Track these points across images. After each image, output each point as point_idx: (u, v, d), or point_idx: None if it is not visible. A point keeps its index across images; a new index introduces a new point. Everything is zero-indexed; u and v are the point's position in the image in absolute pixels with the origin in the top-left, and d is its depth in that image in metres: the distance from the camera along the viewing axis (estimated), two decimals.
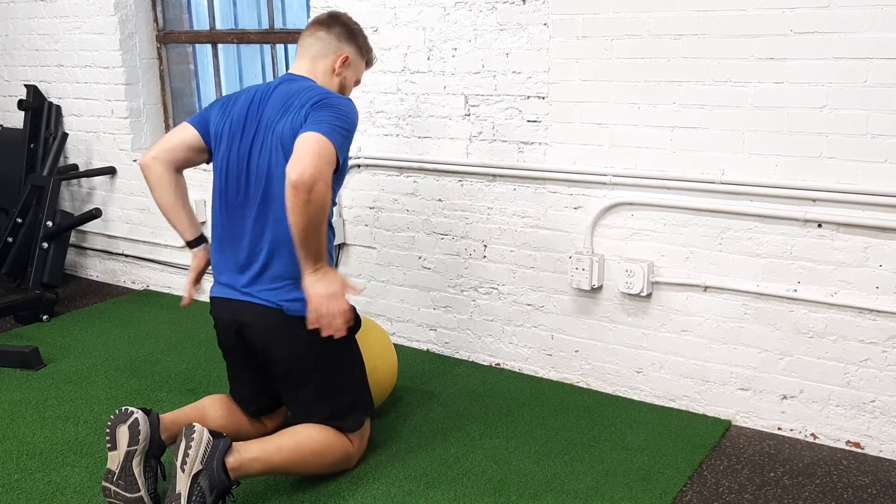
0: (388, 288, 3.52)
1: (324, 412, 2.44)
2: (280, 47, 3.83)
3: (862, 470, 2.51)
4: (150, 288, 4.42)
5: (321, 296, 2.21)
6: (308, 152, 2.11)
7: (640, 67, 2.72)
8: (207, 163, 2.52)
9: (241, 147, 2.36)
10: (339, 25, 2.52)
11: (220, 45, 4.06)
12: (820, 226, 2.55)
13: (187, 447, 2.15)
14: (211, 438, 2.19)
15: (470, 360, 3.38)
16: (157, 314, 3.99)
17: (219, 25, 4.03)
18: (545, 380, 3.18)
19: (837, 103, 2.43)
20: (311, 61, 2.48)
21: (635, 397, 3.00)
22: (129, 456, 2.24)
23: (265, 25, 3.85)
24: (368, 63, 2.64)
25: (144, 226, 4.23)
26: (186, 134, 2.46)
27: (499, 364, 3.31)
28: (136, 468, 2.24)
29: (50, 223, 4.08)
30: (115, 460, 2.25)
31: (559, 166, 2.96)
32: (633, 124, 2.78)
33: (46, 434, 2.79)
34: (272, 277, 2.35)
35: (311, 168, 2.08)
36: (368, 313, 3.60)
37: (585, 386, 3.11)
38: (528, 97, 2.96)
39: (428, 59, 3.15)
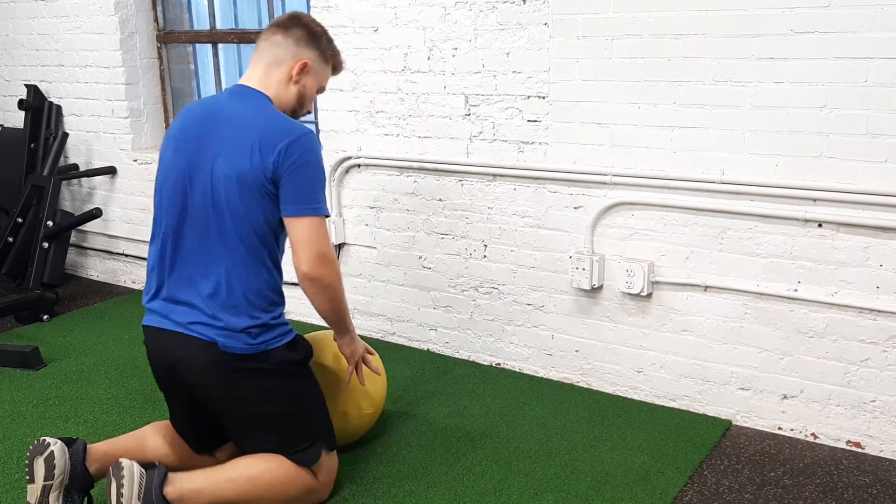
0: (388, 288, 3.52)
1: (273, 445, 2.22)
2: None
3: (862, 470, 2.51)
4: None
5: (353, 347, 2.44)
6: (311, 241, 2.12)
7: (640, 67, 2.72)
8: None
9: (180, 167, 2.19)
10: (299, 28, 2.30)
11: (220, 45, 4.06)
12: (820, 225, 2.54)
13: (119, 487, 1.97)
14: (143, 471, 2.01)
15: (470, 359, 3.38)
16: None
17: (219, 25, 4.03)
18: (545, 380, 3.18)
19: (838, 103, 2.43)
20: (265, 70, 2.27)
21: (636, 397, 3.00)
22: (45, 491, 2.09)
23: (265, 25, 3.83)
24: (335, 69, 2.41)
25: (145, 225, 4.23)
26: None
27: (499, 364, 3.31)
28: (55, 503, 2.10)
29: (50, 223, 4.08)
30: (32, 494, 2.11)
31: (559, 166, 2.96)
32: (633, 124, 2.78)
33: (46, 434, 2.78)
34: (209, 312, 2.16)
35: (320, 261, 2.13)
36: (369, 313, 3.61)
37: (586, 386, 3.11)
38: (529, 97, 2.96)
39: (428, 58, 3.15)
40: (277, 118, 2.19)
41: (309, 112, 2.43)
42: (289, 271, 2.26)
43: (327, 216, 2.19)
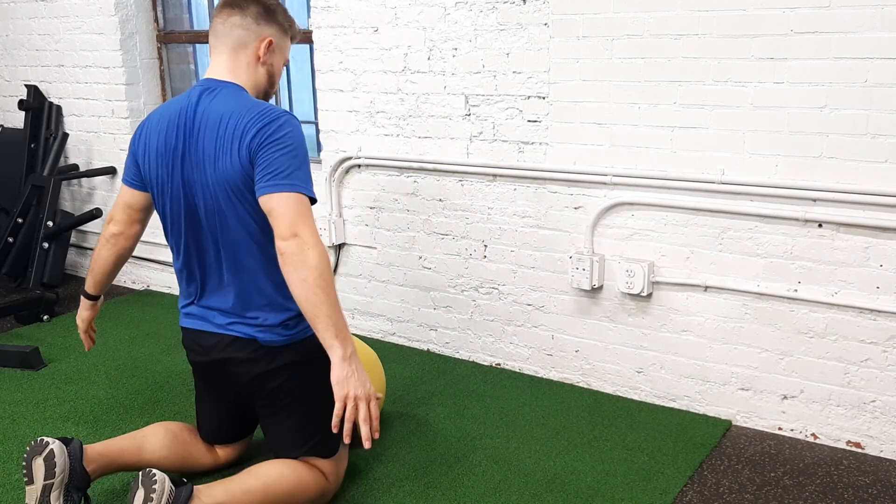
0: (388, 288, 3.52)
1: (300, 433, 2.27)
2: None
3: (862, 470, 2.51)
4: (151, 288, 4.42)
5: (354, 386, 1.98)
6: (295, 218, 1.96)
7: (640, 67, 2.72)
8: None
9: (176, 186, 2.16)
10: (254, 4, 2.19)
11: None
12: (820, 226, 2.54)
13: (148, 497, 1.95)
14: (173, 488, 2.00)
15: (470, 360, 3.38)
16: (157, 314, 3.99)
17: None
18: (545, 380, 3.18)
19: (838, 103, 2.43)
20: (230, 56, 2.17)
21: (636, 397, 3.00)
22: (46, 490, 2.08)
23: None
24: (293, 38, 2.31)
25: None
26: (124, 196, 2.32)
27: (499, 364, 3.31)
28: (55, 503, 2.09)
29: (50, 223, 4.08)
30: (32, 495, 2.10)
31: (559, 166, 2.96)
32: (633, 124, 2.78)
33: (47, 434, 2.78)
34: (244, 314, 2.20)
35: (306, 237, 1.96)
36: (369, 313, 3.61)
37: (586, 386, 3.11)
38: (529, 97, 2.96)
39: (428, 59, 3.15)
40: (252, 107, 2.10)
41: (276, 88, 2.33)
42: None
43: (312, 199, 2.04)
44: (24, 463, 2.11)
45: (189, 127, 2.12)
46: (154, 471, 2.00)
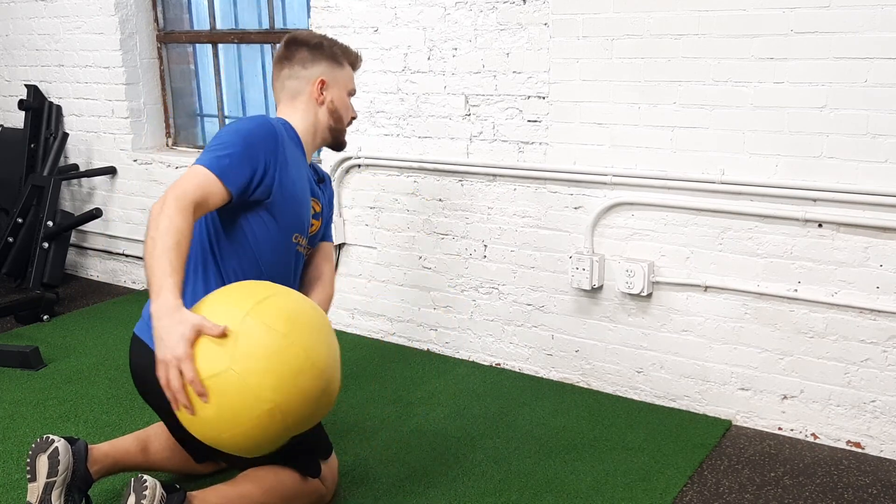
0: (388, 288, 3.52)
1: (284, 461, 2.16)
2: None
3: (862, 470, 2.51)
4: None
5: (159, 349, 1.73)
6: (172, 184, 1.95)
7: (640, 67, 2.72)
8: None
9: None
10: (298, 49, 2.23)
11: (220, 45, 4.06)
12: (820, 226, 2.54)
13: (139, 502, 1.91)
14: (164, 494, 1.95)
15: (470, 360, 3.38)
16: None
17: (219, 25, 4.03)
18: (545, 380, 3.18)
19: (838, 103, 2.43)
20: (289, 106, 2.23)
21: (635, 397, 3.00)
22: (48, 488, 2.06)
23: (265, 25, 3.85)
24: (354, 65, 2.34)
25: (145, 226, 4.22)
26: None
27: (499, 364, 3.31)
28: (56, 501, 2.07)
29: (50, 223, 4.08)
30: (34, 492, 2.08)
31: (559, 166, 2.96)
32: (633, 124, 2.78)
33: (47, 434, 2.78)
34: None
35: (162, 197, 1.92)
36: (369, 313, 3.61)
37: (586, 386, 3.11)
38: (529, 97, 2.96)
39: (428, 59, 3.15)
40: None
41: (353, 118, 2.36)
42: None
43: (214, 174, 1.95)
44: (27, 459, 2.11)
45: None
46: (145, 477, 1.96)
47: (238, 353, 1.71)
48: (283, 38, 2.29)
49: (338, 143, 2.35)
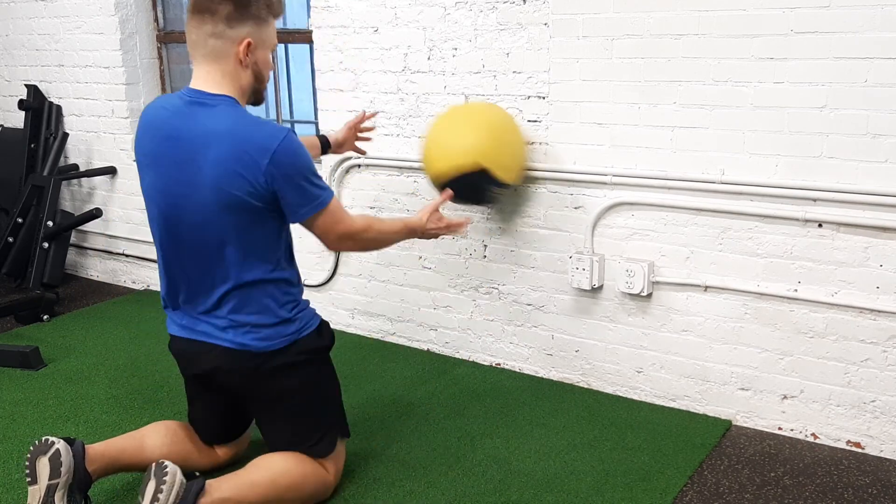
0: (388, 288, 3.52)
1: (291, 436, 2.30)
2: (280, 47, 3.83)
3: (862, 470, 2.51)
4: (151, 288, 4.41)
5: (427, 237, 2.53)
6: (332, 229, 2.23)
7: (640, 67, 2.72)
8: None
9: (166, 184, 2.14)
10: (223, 2, 2.05)
11: None
12: (820, 226, 2.54)
13: (158, 489, 1.96)
14: (184, 480, 2.01)
15: (470, 359, 3.38)
16: (158, 314, 3.98)
17: None
18: (545, 380, 3.18)
19: (838, 103, 2.43)
20: (212, 68, 2.10)
21: (635, 397, 3.00)
22: (50, 490, 2.06)
23: None
24: (277, 16, 2.17)
25: (145, 225, 4.22)
26: None
27: (499, 364, 3.31)
28: (59, 503, 2.07)
29: (50, 223, 4.08)
30: (35, 496, 2.08)
31: (559, 166, 2.96)
32: (633, 124, 2.78)
33: (46, 434, 2.78)
34: (233, 321, 2.20)
35: (343, 240, 2.30)
36: (369, 313, 3.61)
37: (586, 386, 3.11)
38: (529, 97, 2.96)
39: (428, 58, 3.15)
40: (251, 126, 2.09)
41: (271, 71, 2.24)
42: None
43: (332, 194, 2.22)
44: (26, 463, 2.10)
45: (185, 140, 2.09)
46: (166, 462, 2.02)
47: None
48: None
49: (257, 101, 2.26)
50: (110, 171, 4.33)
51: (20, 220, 4.14)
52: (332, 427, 2.37)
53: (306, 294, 2.39)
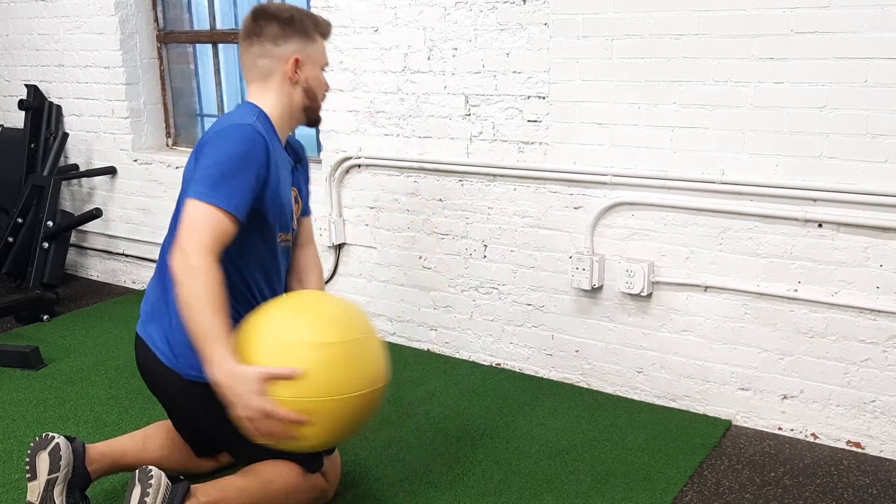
0: (388, 288, 3.52)
1: (272, 455, 2.13)
2: None
3: (862, 470, 2.51)
4: None
5: (238, 409, 1.87)
6: (183, 227, 1.92)
7: (640, 67, 2.72)
8: None
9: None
10: (268, 23, 2.09)
11: (220, 45, 4.06)
12: (820, 226, 2.54)
13: (144, 493, 1.93)
14: (169, 484, 1.97)
15: (470, 360, 3.38)
16: None
17: (219, 25, 4.03)
18: (545, 380, 3.18)
19: (838, 103, 2.43)
20: (260, 85, 2.14)
21: (636, 397, 3.00)
22: (49, 485, 2.06)
23: None
24: (325, 36, 2.19)
25: (145, 226, 4.23)
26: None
27: (499, 364, 3.31)
28: (58, 498, 2.06)
29: (50, 223, 4.08)
30: (34, 491, 2.07)
31: (559, 166, 2.96)
32: (633, 124, 2.78)
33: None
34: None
35: (177, 249, 1.91)
36: (369, 313, 3.60)
37: (586, 386, 3.11)
38: (529, 97, 2.96)
39: (428, 58, 3.15)
40: (225, 118, 2.09)
41: (326, 92, 2.24)
42: None
43: (217, 202, 1.93)
44: (27, 459, 2.10)
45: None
46: (151, 468, 1.98)
47: (312, 376, 1.88)
48: (251, 10, 2.15)
49: (312, 122, 2.26)
50: (110, 171, 4.33)
51: (20, 220, 4.14)
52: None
53: None
